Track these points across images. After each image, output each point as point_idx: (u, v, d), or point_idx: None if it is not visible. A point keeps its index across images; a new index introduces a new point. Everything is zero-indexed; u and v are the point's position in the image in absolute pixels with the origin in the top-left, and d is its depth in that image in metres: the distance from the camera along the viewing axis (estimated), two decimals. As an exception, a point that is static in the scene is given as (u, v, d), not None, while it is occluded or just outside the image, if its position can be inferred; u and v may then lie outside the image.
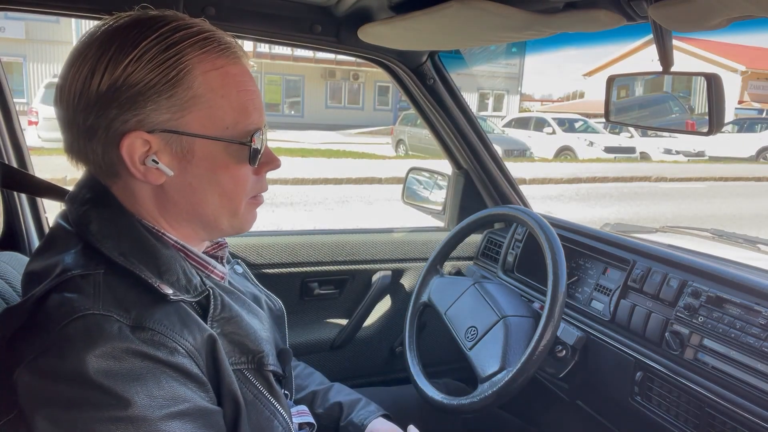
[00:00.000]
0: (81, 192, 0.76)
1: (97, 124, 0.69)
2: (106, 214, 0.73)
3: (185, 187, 0.74)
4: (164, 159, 0.71)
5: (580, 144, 16.05)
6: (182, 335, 0.67)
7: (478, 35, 1.31)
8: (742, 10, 0.83)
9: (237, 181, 0.76)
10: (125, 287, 0.68)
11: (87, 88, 0.68)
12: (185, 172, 0.73)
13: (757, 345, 1.04)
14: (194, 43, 0.71)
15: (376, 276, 1.85)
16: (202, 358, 0.69)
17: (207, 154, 0.73)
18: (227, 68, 0.73)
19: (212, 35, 0.73)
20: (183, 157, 0.72)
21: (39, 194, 1.23)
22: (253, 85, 0.76)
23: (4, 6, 1.26)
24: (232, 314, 0.77)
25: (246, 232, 0.83)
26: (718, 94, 1.01)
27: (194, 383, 0.67)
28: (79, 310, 0.63)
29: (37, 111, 10.31)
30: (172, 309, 0.69)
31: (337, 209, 7.98)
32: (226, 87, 0.73)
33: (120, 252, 0.70)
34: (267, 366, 0.79)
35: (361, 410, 1.09)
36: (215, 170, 0.74)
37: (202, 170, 0.73)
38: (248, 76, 0.76)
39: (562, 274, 1.22)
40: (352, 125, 22.46)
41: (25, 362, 0.62)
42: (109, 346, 0.61)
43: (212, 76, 0.71)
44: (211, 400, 0.69)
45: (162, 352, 0.64)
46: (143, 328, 0.64)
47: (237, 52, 0.75)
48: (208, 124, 0.72)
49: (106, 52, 0.68)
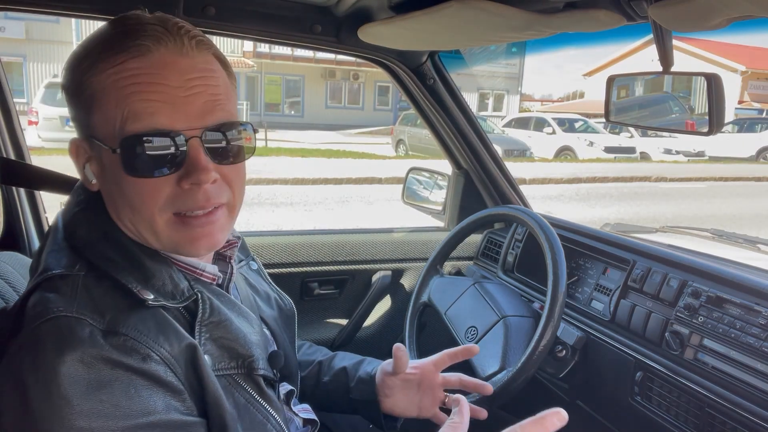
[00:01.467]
0: (77, 191, 0.77)
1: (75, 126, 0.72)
2: (95, 219, 0.73)
3: (107, 196, 0.73)
4: (93, 166, 0.72)
5: (580, 144, 16.06)
6: (157, 341, 0.65)
7: (478, 35, 1.31)
8: (742, 10, 0.83)
9: (139, 193, 0.68)
10: (103, 291, 0.67)
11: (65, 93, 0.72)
12: (103, 181, 0.72)
13: (757, 345, 1.04)
14: (105, 39, 0.68)
15: (376, 276, 1.85)
16: (181, 367, 0.67)
17: (108, 161, 0.68)
18: (126, 63, 0.65)
19: (135, 28, 0.66)
20: (100, 164, 0.71)
21: (40, 186, 1.22)
22: (160, 79, 0.65)
23: (4, 6, 1.26)
24: (221, 318, 0.76)
25: (190, 254, 0.74)
26: (718, 94, 1.01)
27: (167, 392, 0.65)
28: (53, 311, 0.62)
29: (37, 111, 10.32)
30: (149, 314, 0.67)
31: (337, 209, 7.99)
32: (116, 84, 0.65)
33: (104, 257, 0.69)
34: (257, 370, 0.78)
35: (367, 366, 1.08)
36: (117, 180, 0.68)
37: (110, 178, 0.70)
38: (155, 69, 0.65)
39: (562, 274, 1.22)
40: (352, 125, 22.47)
41: (4, 359, 0.63)
42: (80, 351, 0.60)
43: (107, 74, 0.66)
44: (188, 410, 0.67)
45: (133, 359, 0.63)
46: (116, 333, 0.63)
47: (145, 43, 0.65)
48: (103, 128, 0.67)
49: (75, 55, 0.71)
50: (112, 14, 0.73)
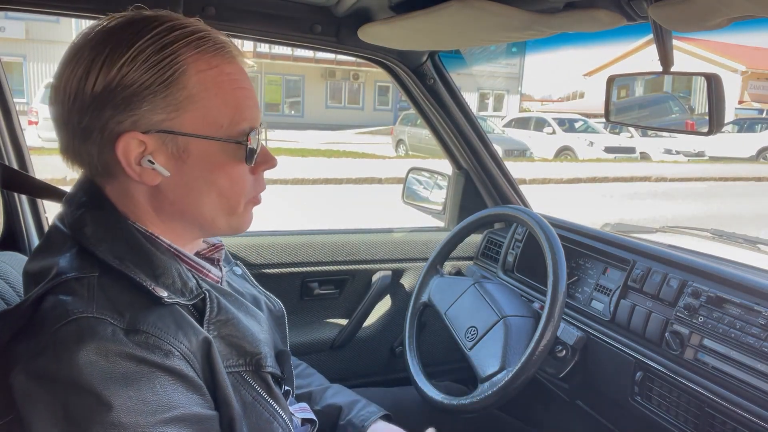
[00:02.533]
0: (77, 194, 0.76)
1: (92, 125, 0.69)
2: (101, 217, 0.73)
3: (181, 187, 0.74)
4: (160, 159, 0.71)
5: (580, 144, 16.04)
6: (177, 338, 0.67)
7: (478, 35, 1.31)
8: (743, 10, 0.83)
9: (234, 181, 0.76)
10: (119, 290, 0.67)
11: (82, 89, 0.68)
12: (181, 173, 0.73)
13: (757, 345, 1.04)
14: (189, 42, 0.71)
15: (376, 276, 1.85)
16: (198, 362, 0.69)
17: (203, 154, 0.73)
18: (222, 67, 0.73)
19: (207, 34, 0.73)
20: (179, 158, 0.72)
21: (38, 195, 1.23)
22: (248, 83, 0.76)
23: (4, 6, 1.26)
24: (229, 316, 0.77)
25: (243, 232, 0.82)
26: (718, 94, 1.01)
27: (190, 387, 0.66)
28: (73, 313, 0.63)
29: (37, 111, 10.30)
30: (166, 312, 0.69)
31: (336, 209, 7.98)
32: (221, 86, 0.72)
33: (114, 255, 0.69)
34: (265, 368, 0.79)
35: (360, 411, 1.08)
36: (212, 170, 0.74)
37: (198, 170, 0.73)
38: (243, 75, 0.76)
39: (562, 274, 1.22)
40: (352, 125, 22.46)
41: (21, 364, 0.62)
42: (103, 349, 0.61)
43: (207, 76, 0.71)
44: (208, 405, 0.69)
45: (157, 356, 0.64)
46: (137, 331, 0.64)
47: (232, 51, 0.75)
48: (203, 123, 0.72)
49: (100, 53, 0.68)
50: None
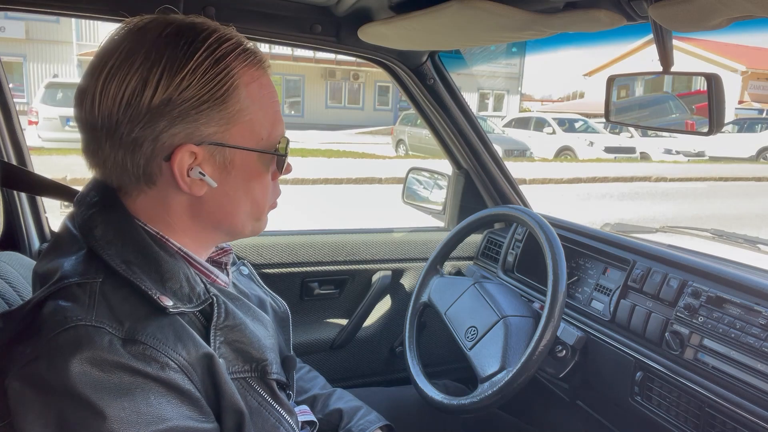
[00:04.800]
0: (89, 194, 0.75)
1: (143, 135, 0.67)
2: (112, 219, 0.72)
3: (222, 196, 0.75)
4: (207, 170, 0.72)
5: (580, 144, 16.04)
6: (175, 349, 0.66)
7: (478, 35, 1.31)
8: (743, 10, 0.83)
9: (265, 189, 0.79)
10: (122, 297, 0.67)
11: (137, 101, 0.66)
12: (224, 183, 0.74)
13: (757, 345, 1.04)
14: (238, 55, 0.72)
15: (376, 276, 1.85)
16: (197, 374, 0.68)
17: (244, 165, 0.75)
18: (261, 80, 0.75)
19: (249, 47, 0.74)
20: (224, 168, 0.73)
21: (40, 193, 1.22)
22: (276, 94, 0.79)
23: (4, 6, 1.26)
24: (236, 322, 0.77)
25: (255, 234, 0.84)
26: (718, 94, 1.01)
27: (185, 400, 0.66)
28: (71, 321, 0.63)
29: (37, 111, 10.29)
30: (167, 322, 0.68)
31: (336, 209, 7.98)
32: (263, 99, 0.75)
33: (123, 259, 0.69)
34: (270, 374, 0.78)
35: (361, 419, 1.07)
36: (250, 180, 0.76)
37: (238, 180, 0.75)
38: (273, 86, 0.78)
39: (562, 274, 1.22)
40: (352, 125, 22.45)
41: (16, 369, 0.62)
42: (98, 359, 0.61)
43: (252, 89, 0.73)
44: (204, 418, 0.68)
45: (152, 367, 0.63)
46: (135, 341, 0.64)
47: (267, 62, 0.77)
48: (249, 135, 0.74)
49: (156, 63, 0.66)
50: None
